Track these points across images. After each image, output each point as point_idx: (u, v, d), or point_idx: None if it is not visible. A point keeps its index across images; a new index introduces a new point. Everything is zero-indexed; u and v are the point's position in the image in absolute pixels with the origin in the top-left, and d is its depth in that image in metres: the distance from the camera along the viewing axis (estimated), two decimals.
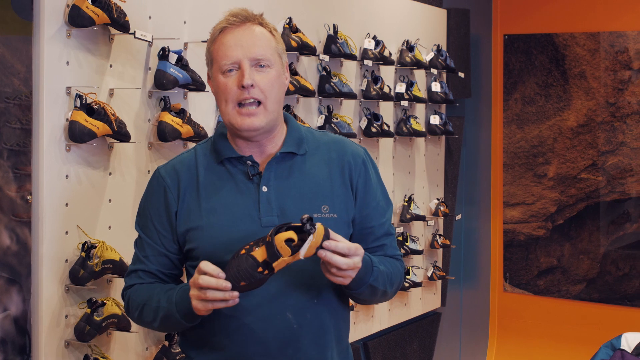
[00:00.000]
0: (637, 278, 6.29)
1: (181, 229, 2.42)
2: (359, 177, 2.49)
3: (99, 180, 3.37)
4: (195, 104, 3.81)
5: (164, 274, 2.48)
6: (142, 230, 2.49)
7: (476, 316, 6.90)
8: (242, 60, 2.36)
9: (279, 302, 2.36)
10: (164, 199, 2.44)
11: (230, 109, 2.37)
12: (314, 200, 2.41)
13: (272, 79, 2.39)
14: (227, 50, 2.38)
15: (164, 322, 2.39)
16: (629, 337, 4.33)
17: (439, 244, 5.92)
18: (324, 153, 2.49)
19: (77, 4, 3.14)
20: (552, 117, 6.51)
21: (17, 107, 3.04)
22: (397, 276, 2.53)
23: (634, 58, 6.20)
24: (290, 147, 2.45)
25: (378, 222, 2.53)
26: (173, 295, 2.35)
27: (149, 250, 2.47)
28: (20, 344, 3.09)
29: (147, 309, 2.42)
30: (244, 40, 2.38)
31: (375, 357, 5.38)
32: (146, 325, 2.51)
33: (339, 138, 2.57)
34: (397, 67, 5.39)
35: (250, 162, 2.41)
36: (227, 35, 2.39)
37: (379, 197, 2.54)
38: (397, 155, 5.49)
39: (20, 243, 3.07)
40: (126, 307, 2.53)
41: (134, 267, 2.51)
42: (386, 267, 2.46)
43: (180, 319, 2.33)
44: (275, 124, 2.44)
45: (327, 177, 2.46)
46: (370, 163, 2.55)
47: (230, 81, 2.37)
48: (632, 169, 6.24)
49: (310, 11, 4.62)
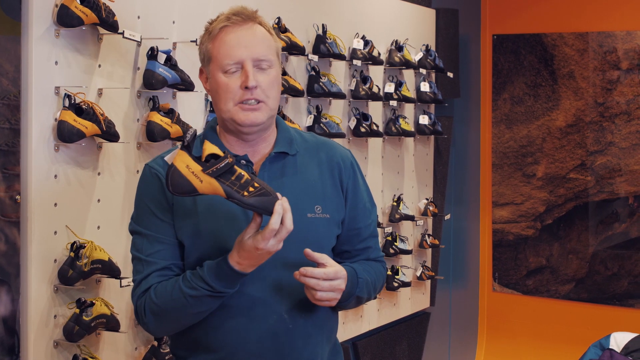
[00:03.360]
0: (626, 278, 6.31)
1: (176, 223, 2.38)
2: (348, 179, 2.51)
3: (87, 180, 3.36)
4: (184, 104, 3.80)
5: (179, 267, 2.39)
6: (144, 228, 2.39)
7: (465, 316, 6.91)
8: (245, 61, 2.35)
9: (274, 302, 2.37)
10: (160, 188, 2.37)
11: (231, 107, 2.36)
12: (307, 199, 2.41)
13: (273, 79, 2.39)
14: (229, 49, 2.36)
15: (196, 306, 2.29)
16: (617, 336, 4.34)
17: (428, 244, 5.92)
18: (313, 154, 2.50)
19: (66, 4, 3.14)
20: (541, 117, 6.52)
21: (5, 107, 3.04)
22: (380, 281, 2.57)
23: (622, 58, 6.21)
24: (283, 147, 2.45)
25: (364, 224, 2.55)
26: (204, 271, 2.27)
27: (157, 245, 2.37)
28: (9, 344, 3.09)
29: (177, 295, 2.29)
30: (247, 40, 2.36)
31: (365, 357, 5.38)
32: (173, 325, 2.39)
33: (326, 140, 2.58)
34: (386, 67, 5.39)
35: (244, 162, 2.41)
36: (229, 34, 2.37)
37: (365, 199, 2.56)
38: (386, 155, 5.49)
39: (9, 243, 3.07)
40: (145, 313, 2.37)
41: (142, 275, 2.37)
42: (370, 275, 2.49)
43: (223, 287, 2.25)
44: (271, 123, 2.45)
45: (318, 177, 2.47)
46: (357, 166, 2.58)
47: (232, 81, 2.35)
48: (621, 169, 6.25)
49: (299, 11, 4.62)
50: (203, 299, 2.28)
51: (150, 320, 2.37)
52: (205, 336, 2.40)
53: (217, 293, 2.27)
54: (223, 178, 2.16)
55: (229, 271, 2.23)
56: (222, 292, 2.27)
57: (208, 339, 2.40)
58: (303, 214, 2.39)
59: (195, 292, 2.27)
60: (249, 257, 2.21)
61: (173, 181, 2.17)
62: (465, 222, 6.86)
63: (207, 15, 3.87)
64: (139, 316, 2.40)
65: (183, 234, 2.38)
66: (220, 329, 2.37)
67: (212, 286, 2.25)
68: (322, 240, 2.45)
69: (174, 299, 2.30)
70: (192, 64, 3.78)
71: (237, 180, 2.16)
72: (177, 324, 2.40)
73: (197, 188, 2.17)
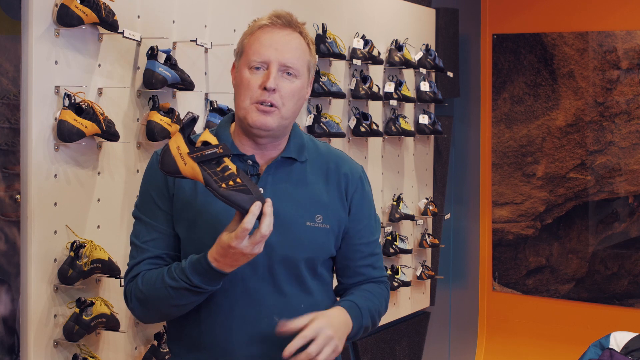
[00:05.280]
0: (626, 277, 6.31)
1: (174, 214, 2.40)
2: (354, 192, 2.50)
3: (87, 179, 3.36)
4: (184, 104, 3.80)
5: (171, 258, 2.41)
6: (144, 215, 2.41)
7: (465, 315, 6.91)
8: (271, 62, 2.35)
9: (266, 305, 2.37)
10: (163, 177, 2.39)
11: (247, 104, 2.36)
12: (308, 208, 2.40)
13: (295, 89, 2.39)
14: (260, 47, 2.36)
15: (175, 298, 2.30)
16: (617, 336, 4.35)
17: (427, 244, 5.92)
18: (322, 164, 2.50)
19: (66, 3, 3.14)
20: (541, 117, 6.52)
21: (5, 106, 3.04)
22: (383, 305, 2.56)
23: (622, 58, 6.21)
24: (292, 153, 2.45)
25: (367, 240, 2.54)
26: (186, 263, 2.27)
27: (154, 233, 2.40)
28: (9, 343, 3.08)
29: (159, 285, 2.31)
30: (280, 43, 2.37)
31: (365, 356, 5.38)
32: (156, 314, 2.41)
33: (339, 152, 2.58)
34: (386, 67, 5.39)
35: (251, 162, 2.41)
36: (265, 33, 2.38)
37: (371, 216, 2.56)
38: (386, 155, 5.49)
39: (9, 243, 3.07)
40: (132, 298, 2.40)
41: (135, 260, 2.41)
42: (372, 302, 2.49)
43: (200, 282, 2.25)
44: (284, 132, 2.44)
45: (323, 187, 2.46)
46: (367, 182, 2.57)
47: (254, 78, 2.35)
48: (621, 168, 6.25)
49: (298, 10, 4.59)
50: (182, 292, 2.28)
51: (136, 306, 2.40)
52: (199, 335, 2.41)
53: (195, 287, 2.26)
54: (206, 165, 2.16)
55: (207, 266, 2.23)
56: (200, 288, 2.26)
57: (201, 337, 2.40)
58: (302, 222, 2.40)
59: (175, 284, 2.27)
60: (224, 255, 2.19)
61: (163, 160, 2.20)
62: (465, 222, 6.86)
63: (206, 14, 3.87)
64: (126, 300, 2.44)
65: (180, 225, 2.39)
66: (213, 329, 2.38)
67: (191, 280, 2.25)
68: (318, 250, 2.44)
69: (156, 288, 2.32)
70: (192, 64, 3.78)
71: (220, 172, 2.15)
72: (160, 314, 2.41)
73: (180, 169, 2.18)
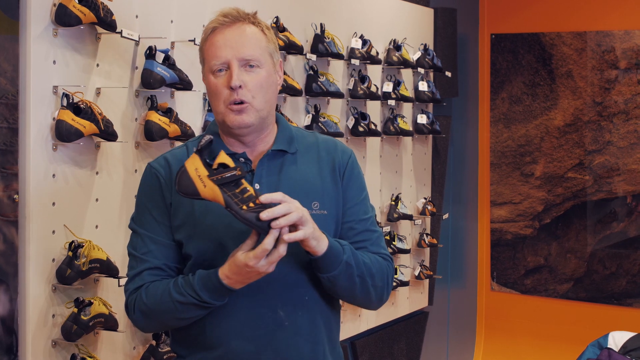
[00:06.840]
0: (624, 277, 6.31)
1: (174, 222, 2.41)
2: (344, 169, 2.50)
3: (86, 179, 3.36)
4: (182, 103, 3.80)
5: (170, 269, 2.42)
6: (141, 227, 2.43)
7: (463, 315, 6.91)
8: (231, 61, 2.37)
9: (270, 300, 2.37)
10: (159, 189, 2.41)
11: (222, 108, 2.38)
12: (304, 196, 2.40)
13: (262, 79, 2.39)
14: (216, 50, 2.38)
15: (182, 312, 2.33)
16: (615, 335, 4.36)
17: (426, 243, 5.92)
18: (313, 152, 2.51)
19: (64, 3, 3.14)
20: (539, 117, 6.52)
21: (3, 106, 3.03)
22: (378, 268, 2.47)
23: (620, 57, 6.22)
24: (281, 145, 2.46)
25: (358, 218, 2.51)
26: (195, 279, 2.30)
27: (152, 245, 2.41)
28: (8, 343, 3.08)
29: (165, 299, 2.33)
30: (233, 40, 2.38)
31: (363, 356, 5.38)
32: (159, 325, 2.45)
33: (328, 138, 2.59)
34: (384, 67, 5.39)
35: (242, 159, 2.42)
36: (217, 35, 2.39)
37: (362, 197, 2.54)
38: (384, 155, 5.49)
39: (7, 242, 3.06)
40: (135, 310, 2.41)
41: (136, 271, 2.42)
42: (362, 256, 2.42)
43: (209, 298, 2.28)
44: (266, 123, 2.45)
45: (317, 174, 2.47)
46: (356, 163, 2.57)
47: (220, 82, 2.37)
48: (619, 168, 6.25)
49: (297, 10, 4.62)
50: (190, 307, 2.32)
51: (139, 317, 2.42)
52: (203, 334, 2.41)
53: (204, 303, 2.30)
54: (226, 188, 2.19)
55: (217, 284, 2.26)
56: (209, 303, 2.30)
57: (206, 337, 2.41)
58: None
59: (183, 299, 2.31)
60: (238, 273, 2.23)
61: (180, 181, 2.22)
62: (463, 222, 6.86)
63: (205, 14, 3.87)
64: (128, 311, 2.45)
65: (180, 233, 2.40)
66: (218, 327, 2.38)
67: (200, 296, 2.29)
68: None
69: (162, 302, 2.34)
70: (190, 63, 3.77)
71: (240, 194, 2.18)
72: (163, 325, 2.46)
73: (200, 192, 2.20)
